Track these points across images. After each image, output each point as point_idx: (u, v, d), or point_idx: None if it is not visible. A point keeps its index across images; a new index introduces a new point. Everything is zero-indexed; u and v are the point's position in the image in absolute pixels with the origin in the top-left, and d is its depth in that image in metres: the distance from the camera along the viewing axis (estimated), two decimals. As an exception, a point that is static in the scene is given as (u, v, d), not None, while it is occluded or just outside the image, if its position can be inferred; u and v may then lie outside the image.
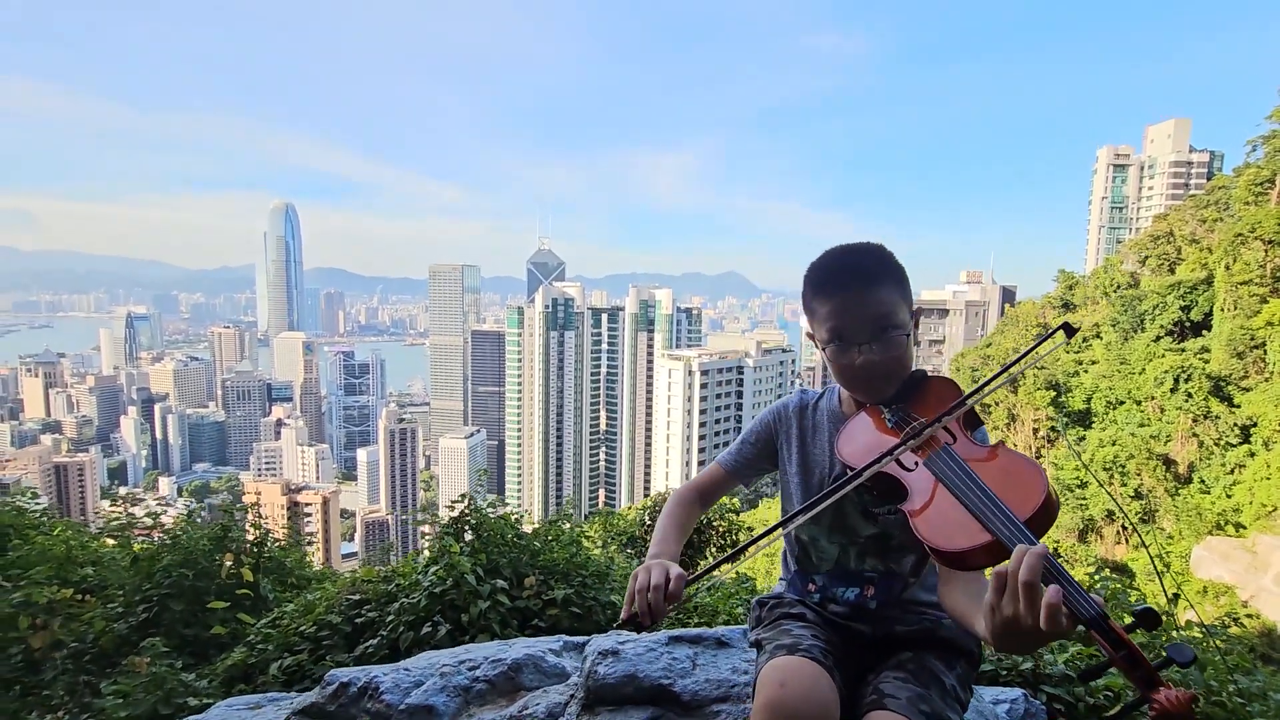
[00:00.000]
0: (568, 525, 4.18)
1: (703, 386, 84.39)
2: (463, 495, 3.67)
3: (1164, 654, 0.93)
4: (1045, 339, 1.35)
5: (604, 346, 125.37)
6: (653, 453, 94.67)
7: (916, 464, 1.29)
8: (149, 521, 4.76)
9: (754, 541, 1.30)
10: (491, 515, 3.65)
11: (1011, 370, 1.38)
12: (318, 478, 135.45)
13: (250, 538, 4.29)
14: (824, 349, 1.47)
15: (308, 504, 79.50)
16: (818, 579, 1.59)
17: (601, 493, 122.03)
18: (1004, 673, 1.92)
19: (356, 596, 3.39)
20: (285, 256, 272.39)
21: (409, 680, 1.73)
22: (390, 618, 3.15)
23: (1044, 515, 1.10)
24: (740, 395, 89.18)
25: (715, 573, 1.38)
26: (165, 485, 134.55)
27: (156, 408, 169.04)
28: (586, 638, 2.06)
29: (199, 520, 4.48)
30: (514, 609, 3.22)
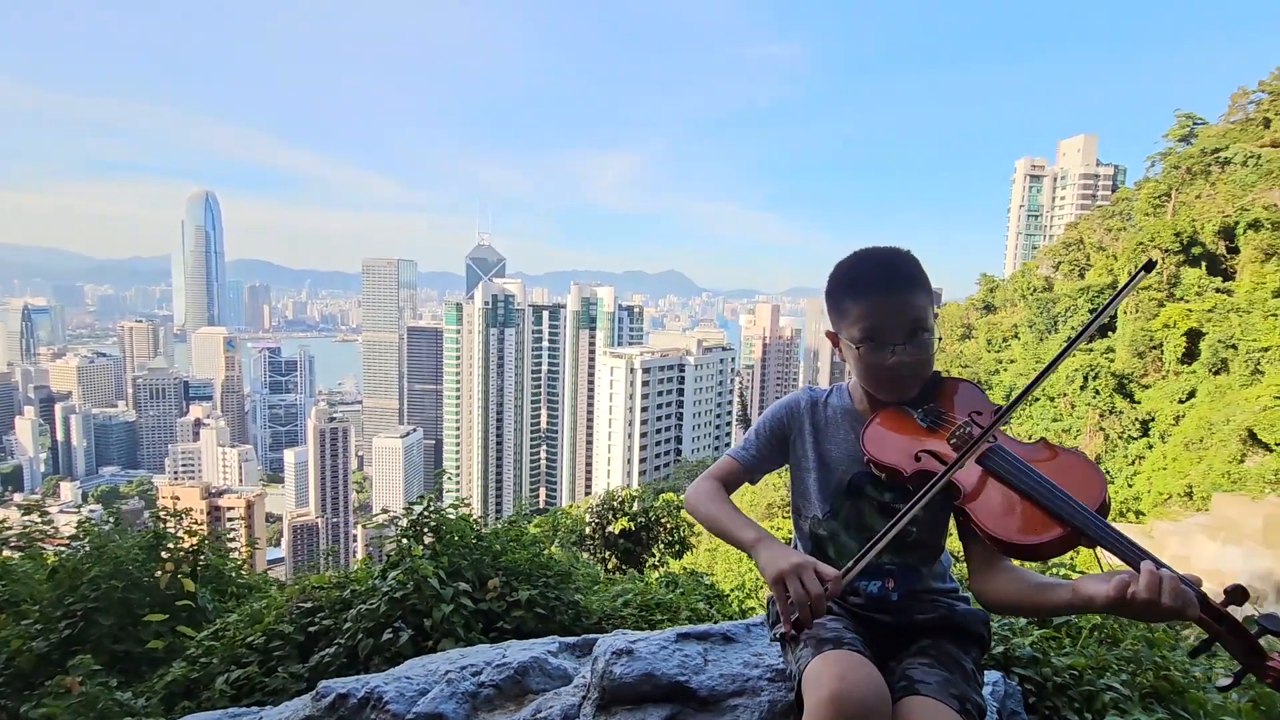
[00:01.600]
0: (532, 527, 4.13)
1: (644, 384, 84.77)
2: (421, 496, 3.57)
3: (1258, 624, 1.01)
4: (1134, 279, 1.36)
5: (545, 344, 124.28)
6: (594, 451, 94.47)
7: (965, 463, 1.33)
8: (47, 530, 4.40)
9: (885, 534, 1.32)
10: (452, 516, 3.56)
11: (1099, 320, 1.45)
12: (241, 480, 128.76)
13: (187, 545, 4.04)
14: (856, 348, 1.49)
15: (230, 508, 75.47)
16: None
17: (542, 491, 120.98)
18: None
19: (309, 604, 3.24)
20: (205, 247, 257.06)
21: (413, 689, 1.67)
22: (348, 625, 3.03)
23: (1104, 508, 1.17)
24: (681, 393, 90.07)
25: (864, 559, 1.38)
26: (68, 490, 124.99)
27: (58, 407, 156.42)
28: (580, 638, 2.04)
29: (119, 527, 4.19)
30: (477, 612, 3.16)
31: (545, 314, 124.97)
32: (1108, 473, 33.60)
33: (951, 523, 1.52)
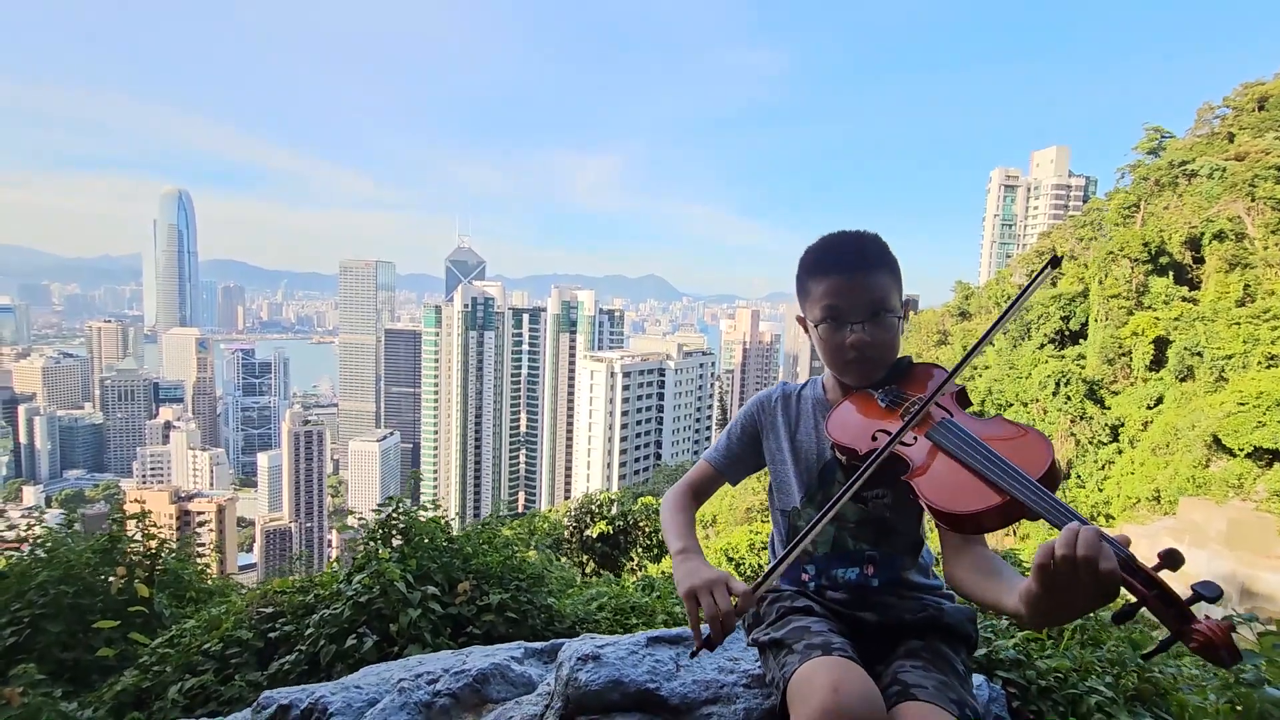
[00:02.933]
0: (503, 528, 4.03)
1: (624, 388, 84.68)
2: (390, 498, 3.46)
3: (1192, 589, 0.95)
4: (1038, 276, 1.36)
5: (525, 347, 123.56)
6: (574, 455, 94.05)
7: (915, 439, 1.30)
8: (11, 535, 4.21)
9: (799, 542, 1.26)
10: (421, 518, 3.46)
11: (1008, 316, 1.41)
12: (212, 484, 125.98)
13: (143, 548, 3.87)
14: (816, 327, 1.48)
15: (200, 512, 73.82)
16: (810, 567, 1.56)
17: (521, 495, 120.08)
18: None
19: (269, 609, 3.12)
20: (178, 246, 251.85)
21: (361, 699, 1.56)
22: (309, 630, 2.91)
23: (1052, 475, 1.12)
24: (662, 397, 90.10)
25: (775, 573, 1.33)
26: (31, 494, 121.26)
27: (21, 409, 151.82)
28: (547, 643, 1.95)
29: (77, 531, 4.02)
30: (446, 616, 3.06)
31: (525, 317, 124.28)
32: (1079, 477, 34.28)
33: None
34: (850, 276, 1.44)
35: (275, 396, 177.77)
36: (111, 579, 3.44)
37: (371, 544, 3.23)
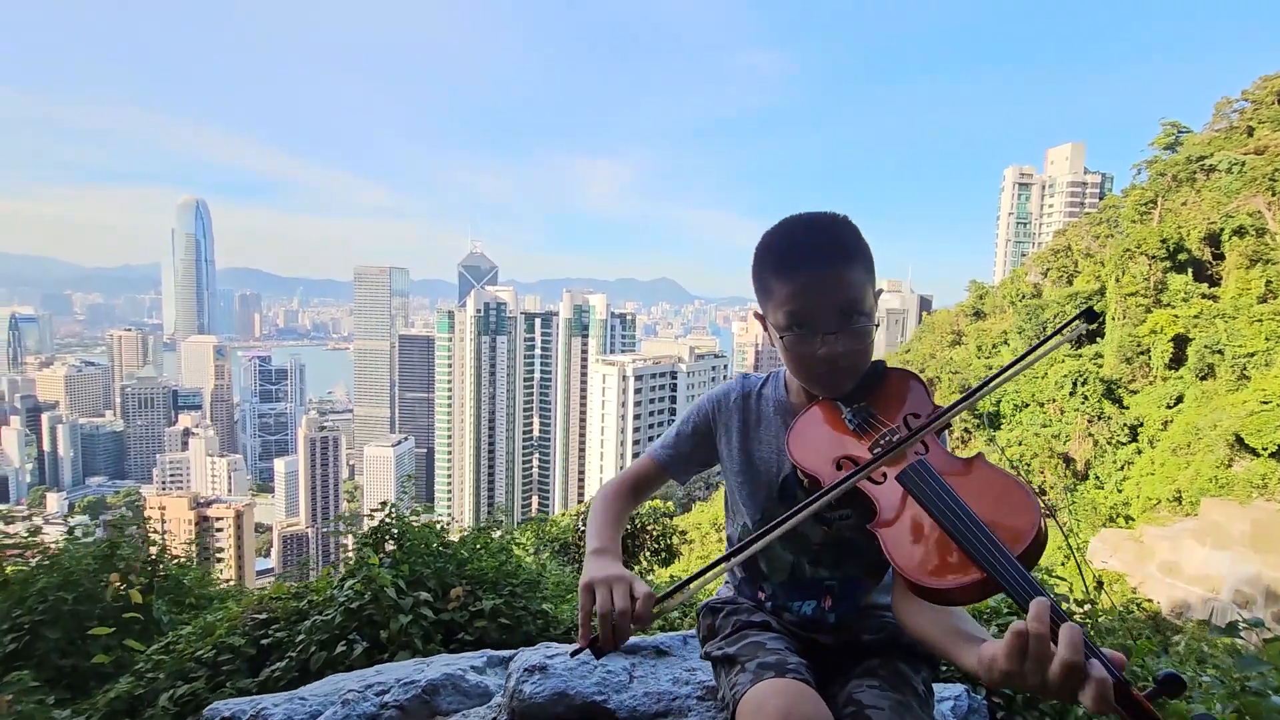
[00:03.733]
0: (497, 533, 4.00)
1: (637, 392, 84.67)
2: (383, 503, 3.46)
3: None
4: (1065, 326, 1.20)
5: (537, 352, 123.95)
6: (586, 459, 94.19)
7: (886, 476, 1.12)
8: (31, 540, 4.26)
9: (730, 556, 1.13)
10: (415, 523, 3.45)
11: (1027, 360, 1.20)
12: (230, 490, 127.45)
13: (144, 555, 3.90)
14: (781, 336, 1.28)
15: (219, 518, 74.66)
16: (767, 587, 1.46)
17: (535, 499, 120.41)
18: (944, 668, 1.92)
19: (263, 615, 3.12)
20: (195, 255, 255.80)
21: (304, 710, 1.53)
22: (301, 637, 2.91)
23: (1036, 546, 0.95)
24: (674, 400, 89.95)
25: (687, 588, 1.13)
26: (54, 501, 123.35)
27: (44, 417, 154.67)
28: (513, 652, 1.90)
29: (85, 537, 4.04)
30: (438, 622, 3.04)
31: (537, 321, 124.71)
32: (1097, 478, 33.77)
33: None
34: (821, 276, 1.23)
35: (291, 403, 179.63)
36: (107, 586, 3.45)
37: (364, 549, 3.22)
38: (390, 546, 3.33)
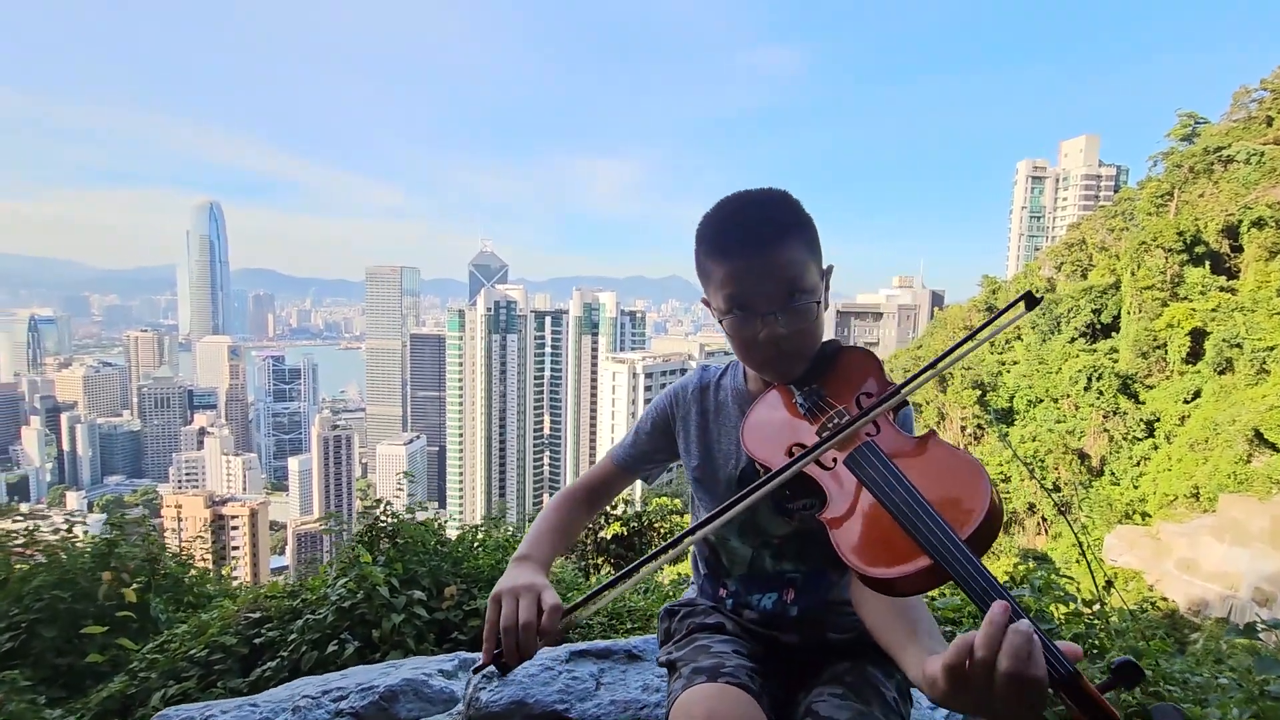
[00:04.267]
0: (497, 531, 3.96)
1: (647, 389, 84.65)
2: (378, 500, 3.42)
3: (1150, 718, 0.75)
4: (1005, 310, 1.11)
5: (547, 350, 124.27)
6: (597, 456, 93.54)
7: (836, 460, 1.05)
8: (40, 538, 4.26)
9: (651, 558, 1.04)
10: (410, 521, 3.41)
11: (962, 349, 1.12)
12: (245, 488, 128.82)
13: (143, 553, 3.88)
14: (721, 320, 1.22)
15: (234, 516, 75.49)
16: (729, 583, 1.38)
17: (545, 497, 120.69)
18: None
19: (256, 614, 3.09)
20: (210, 256, 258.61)
21: (255, 717, 1.49)
22: (293, 636, 2.87)
23: (988, 528, 0.87)
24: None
25: (603, 596, 1.06)
26: (73, 500, 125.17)
27: (64, 417, 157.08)
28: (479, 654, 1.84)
29: (89, 535, 4.04)
30: (432, 622, 2.99)
31: (547, 320, 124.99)
32: (1113, 474, 33.33)
33: None
34: (756, 256, 1.16)
35: (305, 402, 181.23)
36: (101, 584, 3.43)
37: (357, 547, 3.18)
38: (385, 545, 3.29)
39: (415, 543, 3.32)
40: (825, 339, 1.26)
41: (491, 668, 1.04)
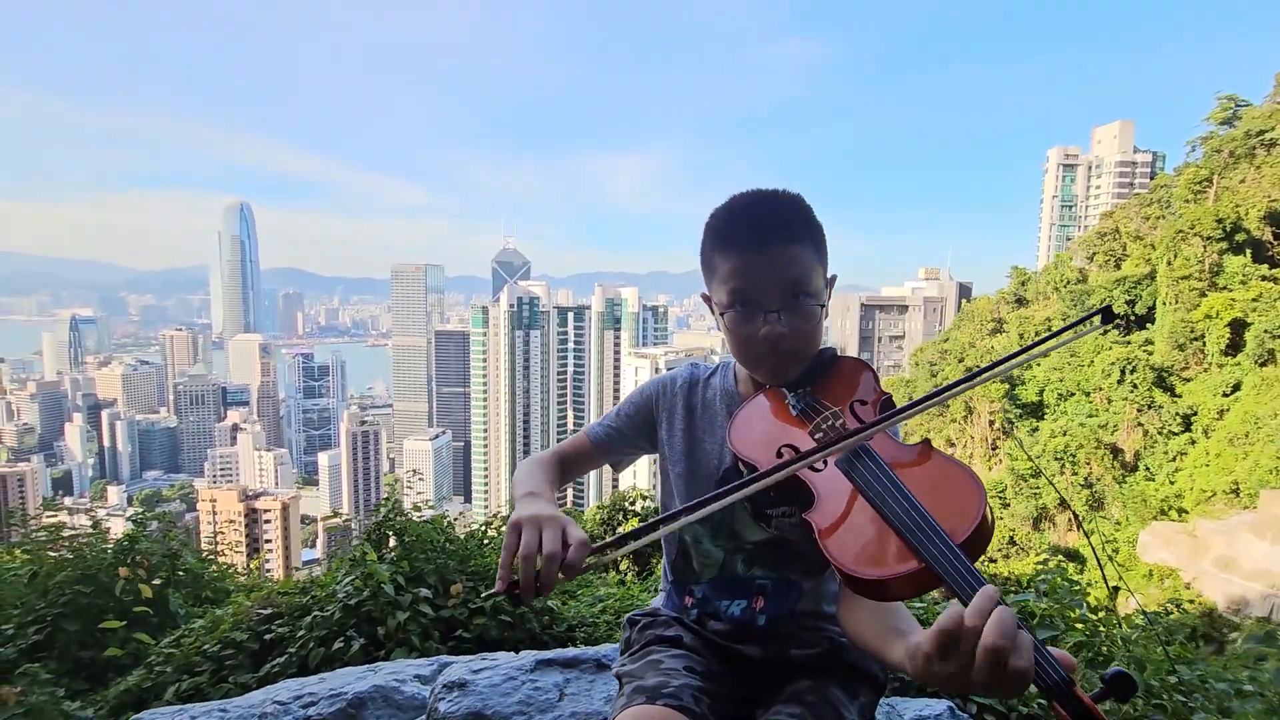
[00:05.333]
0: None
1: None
2: (386, 498, 3.45)
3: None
4: (1079, 322, 1.08)
5: (570, 345, 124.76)
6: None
7: (826, 463, 1.04)
8: (66, 534, 4.39)
9: (672, 516, 1.01)
10: (418, 519, 3.43)
11: (1018, 359, 1.10)
12: (276, 483, 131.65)
13: (163, 550, 3.98)
14: (722, 315, 1.22)
15: (266, 510, 77.26)
16: (697, 590, 1.34)
17: (569, 492, 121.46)
18: (928, 688, 1.78)
19: (268, 610, 3.14)
20: (240, 256, 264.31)
21: None
22: (301, 633, 2.91)
23: (980, 536, 0.88)
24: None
25: (628, 543, 1.00)
26: (114, 494, 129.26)
27: (104, 414, 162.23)
28: (454, 660, 1.80)
29: (104, 530, 4.15)
30: (438, 619, 3.02)
31: (570, 315, 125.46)
32: (1148, 469, 32.45)
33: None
34: (764, 252, 1.16)
35: (334, 398, 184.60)
36: (120, 579, 3.52)
37: (363, 544, 3.22)
38: (392, 543, 3.32)
39: (422, 541, 3.34)
40: (824, 346, 1.26)
41: (515, 592, 0.99)
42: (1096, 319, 1.08)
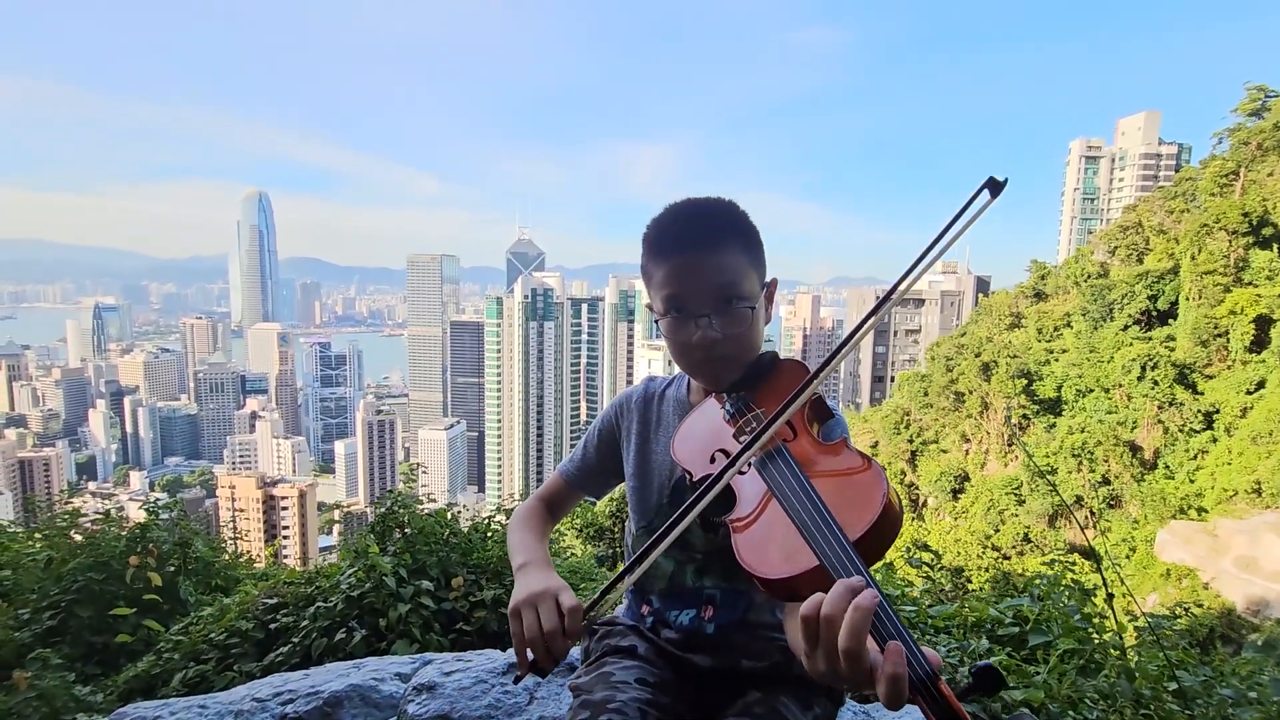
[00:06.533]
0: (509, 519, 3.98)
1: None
2: (390, 491, 3.49)
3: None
4: (969, 202, 1.03)
5: (584, 337, 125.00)
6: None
7: (749, 467, 1.04)
8: (71, 522, 4.48)
9: (650, 548, 1.02)
10: (421, 512, 3.47)
11: (902, 283, 1.03)
12: (294, 470, 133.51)
13: (174, 538, 4.05)
14: (658, 322, 1.25)
15: (284, 497, 78.29)
16: (653, 600, 1.35)
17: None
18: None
19: (273, 600, 3.19)
20: (259, 246, 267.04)
21: (201, 719, 1.53)
22: (305, 623, 2.96)
23: (878, 533, 0.87)
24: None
25: (616, 588, 1.05)
26: (136, 479, 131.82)
27: (126, 400, 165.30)
28: (432, 658, 1.79)
29: (121, 517, 4.23)
30: (439, 612, 3.05)
31: (584, 307, 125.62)
32: (1168, 467, 31.93)
33: None
34: (692, 258, 1.18)
35: (350, 387, 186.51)
36: (131, 567, 3.59)
37: (366, 536, 3.26)
38: (396, 535, 3.36)
39: (425, 533, 3.38)
40: (764, 350, 1.26)
41: (532, 675, 1.07)
42: (985, 194, 1.03)
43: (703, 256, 1.18)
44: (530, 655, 1.04)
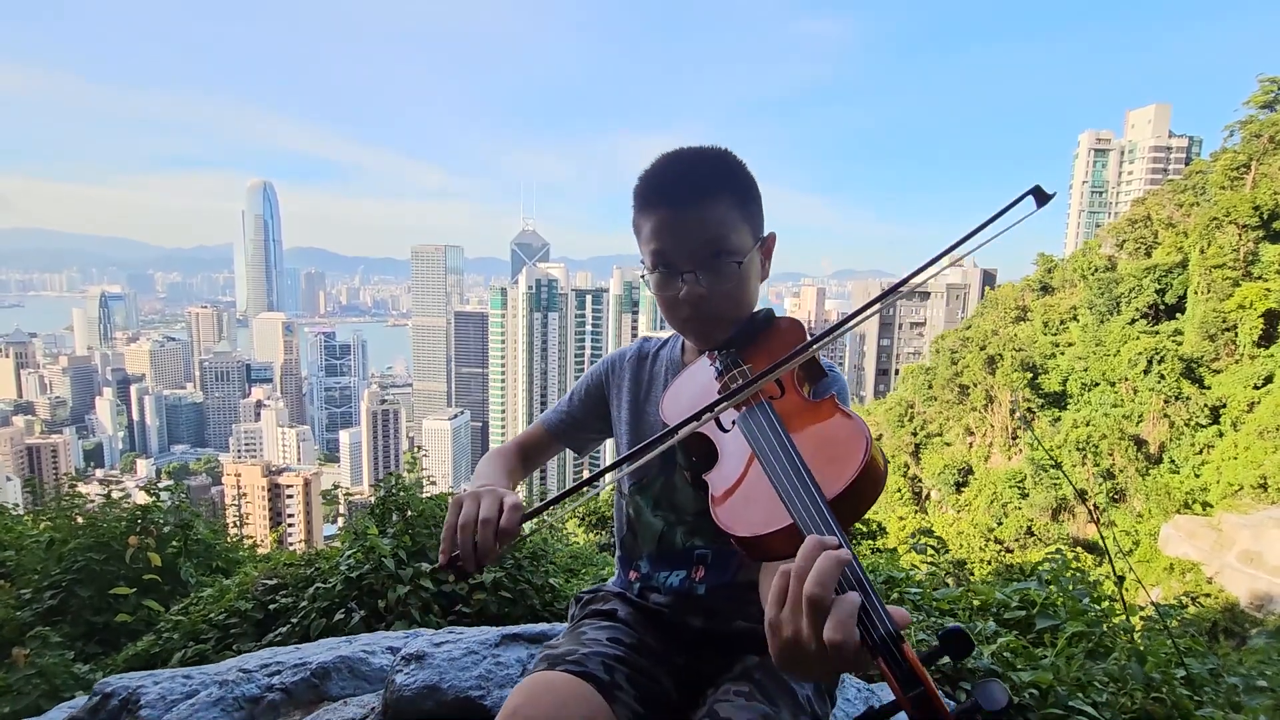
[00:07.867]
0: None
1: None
2: (390, 473, 3.47)
3: (972, 698, 0.62)
4: (1013, 204, 0.97)
5: (588, 328, 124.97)
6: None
7: (733, 424, 1.01)
8: (74, 504, 4.49)
9: (596, 477, 1.05)
10: (421, 495, 3.45)
11: (936, 265, 1.01)
12: (299, 459, 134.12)
13: (176, 520, 4.05)
14: (644, 278, 1.21)
15: (289, 486, 78.68)
16: (642, 564, 1.32)
17: (586, 472, 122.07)
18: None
19: (273, 581, 3.18)
20: (264, 236, 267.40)
21: (181, 690, 1.48)
22: (304, 604, 2.95)
23: (858, 491, 0.82)
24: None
25: (563, 503, 1.08)
26: (143, 466, 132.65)
27: (133, 388, 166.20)
28: (420, 633, 1.78)
29: (120, 500, 4.23)
30: (438, 594, 3.03)
31: (588, 298, 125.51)
32: (1173, 462, 31.80)
33: None
34: (678, 211, 1.12)
35: (355, 377, 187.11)
36: (130, 547, 3.59)
37: (365, 518, 3.24)
38: (395, 518, 3.34)
39: (425, 516, 3.36)
40: (759, 308, 1.22)
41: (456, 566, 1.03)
42: (1030, 201, 0.98)
43: (690, 210, 1.12)
44: (455, 552, 0.99)
